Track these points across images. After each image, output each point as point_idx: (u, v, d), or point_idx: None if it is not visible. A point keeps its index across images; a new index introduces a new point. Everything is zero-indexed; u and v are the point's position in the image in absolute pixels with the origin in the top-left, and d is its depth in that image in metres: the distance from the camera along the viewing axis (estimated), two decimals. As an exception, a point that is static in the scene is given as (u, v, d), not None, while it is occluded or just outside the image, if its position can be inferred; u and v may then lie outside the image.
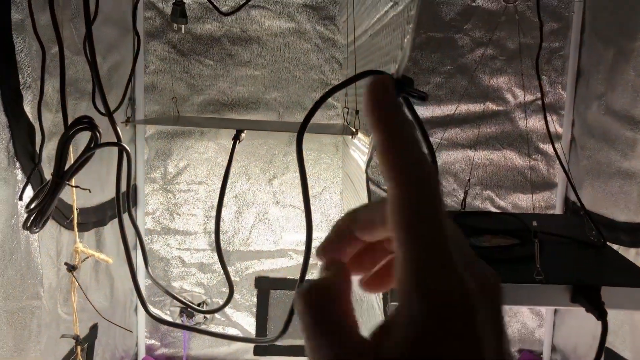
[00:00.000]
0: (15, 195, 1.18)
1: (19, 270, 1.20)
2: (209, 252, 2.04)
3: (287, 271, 2.05)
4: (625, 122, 1.53)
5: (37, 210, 1.04)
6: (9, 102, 1.14)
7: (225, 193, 1.19)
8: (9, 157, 1.16)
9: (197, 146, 1.98)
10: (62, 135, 1.00)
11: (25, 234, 1.23)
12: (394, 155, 0.26)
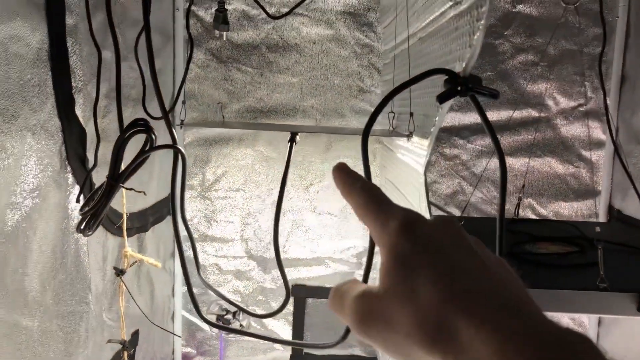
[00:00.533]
0: (67, 199, 1.18)
1: (69, 275, 1.20)
2: (246, 259, 2.03)
3: (324, 279, 2.04)
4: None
5: (91, 213, 1.04)
6: (63, 106, 1.15)
7: (283, 198, 1.17)
8: (61, 161, 1.17)
9: (235, 153, 1.98)
10: (118, 138, 1.00)
11: (75, 238, 1.23)
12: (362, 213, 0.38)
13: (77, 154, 1.21)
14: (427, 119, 1.03)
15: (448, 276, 0.31)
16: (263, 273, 2.04)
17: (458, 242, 0.33)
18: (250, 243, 2.03)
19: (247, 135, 1.97)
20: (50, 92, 1.12)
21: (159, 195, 1.79)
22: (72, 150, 1.19)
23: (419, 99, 1.12)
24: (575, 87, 1.86)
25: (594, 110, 1.87)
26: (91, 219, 1.05)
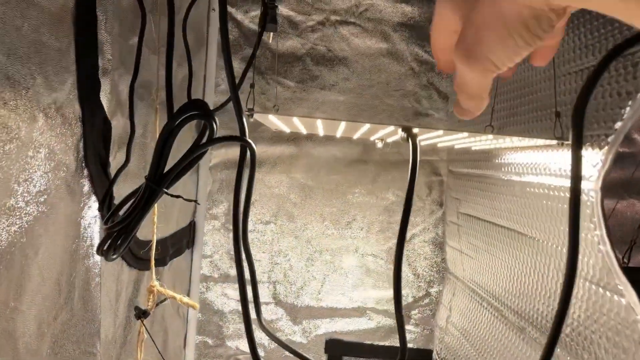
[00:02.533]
0: (80, 213, 0.89)
1: (75, 315, 0.90)
2: (273, 306, 1.72)
3: (364, 334, 1.72)
4: None
5: (121, 227, 0.75)
6: (86, 89, 0.87)
7: (408, 220, 0.89)
8: (78, 161, 0.88)
9: (267, 179, 1.70)
10: (166, 126, 0.72)
11: (86, 265, 0.93)
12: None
13: (97, 154, 0.92)
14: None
15: None
16: (292, 324, 1.72)
17: None
18: (278, 287, 1.72)
19: (283, 159, 1.69)
20: (72, 67, 0.84)
21: (179, 223, 1.49)
22: (92, 148, 0.91)
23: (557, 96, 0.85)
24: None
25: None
26: (119, 236, 0.76)
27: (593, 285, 0.70)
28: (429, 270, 1.73)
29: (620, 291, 0.62)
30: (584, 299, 0.73)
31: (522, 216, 0.95)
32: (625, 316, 0.61)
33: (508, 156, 0.94)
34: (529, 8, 0.34)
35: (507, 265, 1.06)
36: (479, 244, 1.28)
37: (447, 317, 1.55)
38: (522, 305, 1.00)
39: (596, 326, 0.70)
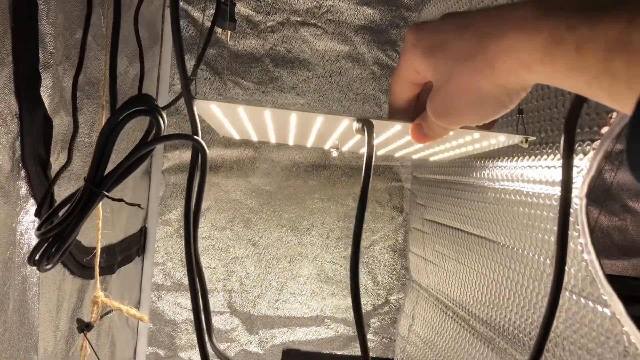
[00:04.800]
0: (16, 218, 0.81)
1: (9, 328, 0.81)
2: (228, 315, 1.65)
3: (323, 343, 1.67)
4: None
5: (55, 234, 0.67)
6: (24, 82, 0.80)
7: (364, 215, 0.83)
8: (14, 161, 0.80)
9: (224, 184, 1.63)
10: (108, 122, 0.65)
11: (23, 275, 0.85)
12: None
13: (36, 154, 0.84)
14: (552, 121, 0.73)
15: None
16: (248, 333, 1.66)
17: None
18: (234, 296, 1.65)
19: (241, 163, 1.63)
20: (8, 58, 0.76)
21: (129, 229, 1.41)
22: (31, 147, 0.83)
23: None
24: (622, 130, 1.63)
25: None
26: (53, 244, 0.69)
27: (574, 296, 0.67)
28: (388, 277, 1.70)
29: (605, 301, 0.59)
30: (564, 309, 0.70)
31: (494, 223, 0.92)
32: (610, 327, 0.58)
33: (480, 162, 0.91)
34: (504, 87, 0.38)
35: (476, 273, 1.03)
36: (446, 252, 1.25)
37: (410, 325, 1.51)
38: (491, 314, 0.97)
39: (576, 337, 0.67)
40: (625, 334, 0.53)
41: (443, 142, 0.80)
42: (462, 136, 0.60)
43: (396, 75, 0.49)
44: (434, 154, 0.88)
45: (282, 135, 0.89)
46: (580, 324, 0.63)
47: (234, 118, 0.68)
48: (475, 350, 1.00)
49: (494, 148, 0.67)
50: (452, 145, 0.74)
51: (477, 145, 0.68)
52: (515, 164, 0.83)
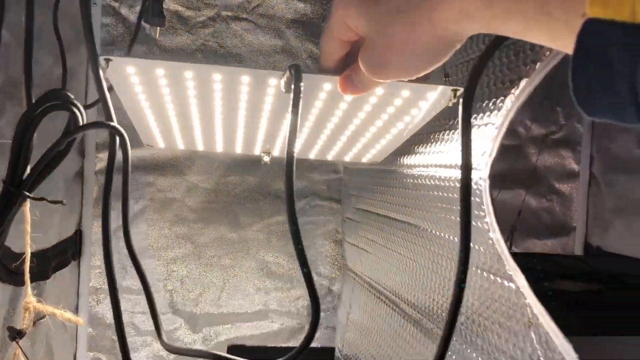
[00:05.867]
0: None
1: None
2: (170, 315, 1.64)
3: (268, 337, 1.68)
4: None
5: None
6: None
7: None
8: None
9: (160, 183, 1.61)
10: (22, 119, 0.64)
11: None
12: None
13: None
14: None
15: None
16: (192, 332, 1.65)
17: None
18: (175, 295, 1.64)
19: (177, 160, 1.62)
20: None
21: (62, 232, 1.38)
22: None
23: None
24: (546, 113, 1.71)
25: (566, 138, 1.73)
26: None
27: (485, 273, 0.71)
28: (330, 268, 1.72)
29: (510, 277, 0.62)
30: (477, 286, 0.74)
31: (414, 208, 0.95)
32: (515, 301, 0.62)
33: (400, 149, 0.94)
34: (440, 39, 0.39)
35: (402, 258, 1.07)
36: (376, 239, 1.28)
37: (348, 313, 1.54)
38: (418, 296, 1.01)
39: (489, 312, 0.70)
40: (529, 306, 0.57)
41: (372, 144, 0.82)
42: (392, 94, 0.61)
43: (327, 33, 0.49)
44: (364, 152, 0.91)
45: (210, 145, 0.90)
46: (491, 300, 0.66)
47: (154, 94, 0.67)
48: (407, 332, 1.03)
49: (423, 117, 0.69)
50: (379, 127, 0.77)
51: (406, 117, 0.70)
52: (429, 149, 0.86)
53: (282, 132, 0.85)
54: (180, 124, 0.84)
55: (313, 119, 0.74)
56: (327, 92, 0.62)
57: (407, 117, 0.72)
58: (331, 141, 0.87)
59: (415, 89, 0.59)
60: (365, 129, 0.77)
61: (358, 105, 0.67)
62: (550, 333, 0.53)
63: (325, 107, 0.67)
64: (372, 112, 0.69)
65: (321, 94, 0.63)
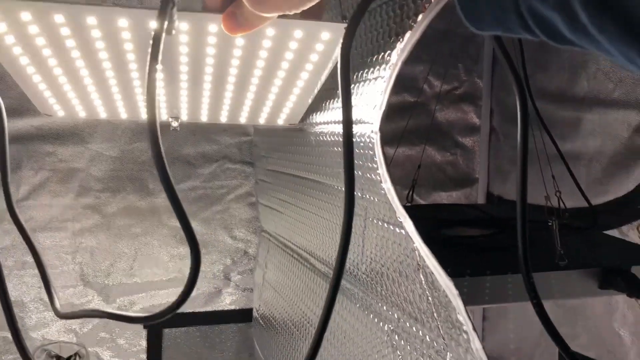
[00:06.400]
0: None
1: None
2: (82, 287, 1.59)
3: (185, 303, 1.67)
4: (565, 102, 1.44)
5: None
6: None
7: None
8: None
9: (61, 153, 1.54)
10: None
11: None
12: None
13: None
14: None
15: None
16: (105, 303, 1.62)
17: None
18: (86, 267, 1.60)
19: (78, 128, 1.55)
20: None
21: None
22: None
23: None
24: (449, 70, 1.76)
25: (467, 94, 1.80)
26: None
27: (380, 222, 0.73)
28: (245, 231, 1.73)
29: (401, 223, 0.65)
30: (374, 236, 0.77)
31: (319, 165, 0.97)
32: (405, 245, 0.65)
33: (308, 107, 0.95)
34: None
35: (311, 215, 1.09)
36: (287, 199, 1.29)
37: (264, 274, 1.56)
38: (329, 253, 1.03)
39: (384, 260, 0.73)
40: (417, 250, 0.60)
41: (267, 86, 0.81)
42: (285, 36, 0.60)
43: None
44: (277, 112, 0.90)
45: (103, 87, 0.85)
46: (386, 247, 0.69)
47: (28, 47, 0.62)
48: (318, 287, 1.06)
49: (324, 64, 0.68)
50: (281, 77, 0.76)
51: (308, 65, 0.69)
52: (330, 105, 0.87)
53: (187, 93, 0.83)
54: (73, 86, 0.79)
55: (211, 72, 0.73)
56: (215, 34, 0.60)
57: (308, 65, 0.71)
58: (238, 101, 0.86)
59: (308, 26, 0.58)
60: (268, 82, 0.76)
61: (253, 52, 0.65)
62: (435, 273, 0.56)
63: (219, 55, 0.66)
64: (270, 59, 0.67)
65: (209, 39, 0.61)
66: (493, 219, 1.20)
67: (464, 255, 0.87)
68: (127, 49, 0.63)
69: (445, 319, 0.57)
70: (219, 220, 1.70)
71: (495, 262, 0.83)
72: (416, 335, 0.66)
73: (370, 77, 0.72)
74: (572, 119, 1.42)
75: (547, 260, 0.91)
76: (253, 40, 0.61)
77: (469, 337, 0.51)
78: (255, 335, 1.69)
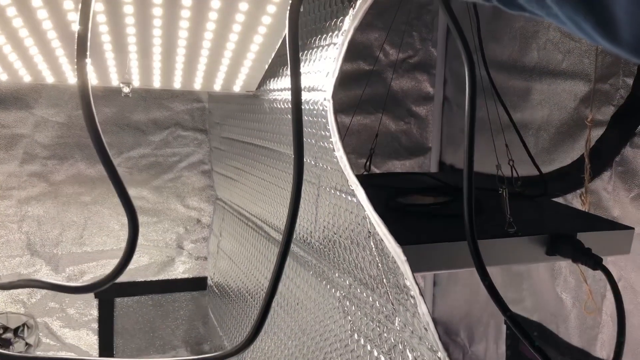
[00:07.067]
0: None
1: None
2: (29, 257, 1.55)
3: (136, 272, 1.66)
4: (515, 72, 1.46)
5: None
6: None
7: None
8: None
9: (3, 118, 1.48)
10: None
11: None
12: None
13: None
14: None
15: None
16: (54, 273, 1.58)
17: None
18: (33, 237, 1.55)
19: (21, 92, 1.49)
20: None
21: None
22: None
23: None
24: (404, 39, 1.76)
25: (422, 62, 1.80)
26: None
27: (332, 190, 0.74)
28: (198, 199, 1.71)
29: (353, 192, 0.65)
30: (327, 204, 0.77)
31: (272, 133, 0.96)
32: (357, 213, 0.65)
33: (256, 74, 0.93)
34: None
35: (265, 183, 1.08)
36: (241, 167, 1.28)
37: (218, 242, 1.56)
38: (280, 219, 1.03)
39: (337, 227, 0.74)
40: (367, 218, 0.60)
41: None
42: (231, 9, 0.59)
43: None
44: (232, 79, 0.88)
45: (45, 48, 0.81)
46: (339, 215, 0.70)
47: None
48: (273, 255, 1.06)
49: (275, 35, 0.67)
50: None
51: (256, 37, 0.68)
52: (283, 72, 0.86)
53: (137, 57, 0.80)
54: (15, 50, 0.76)
55: (159, 35, 0.70)
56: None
57: (261, 28, 0.70)
58: (191, 65, 0.84)
59: (254, 2, 0.58)
60: (221, 46, 0.75)
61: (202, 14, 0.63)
62: (384, 240, 0.57)
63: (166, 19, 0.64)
64: (221, 21, 0.66)
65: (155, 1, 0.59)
66: (447, 187, 1.22)
67: (416, 223, 0.88)
68: (67, 8, 0.60)
69: (394, 284, 0.58)
70: (171, 189, 1.67)
71: (446, 229, 0.84)
72: (366, 301, 0.67)
73: (322, 44, 0.71)
74: (522, 88, 1.45)
75: (497, 227, 0.93)
76: (200, 13, 0.59)
77: (416, 301, 0.52)
78: (210, 304, 1.69)
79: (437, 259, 0.76)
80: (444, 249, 0.77)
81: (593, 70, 1.22)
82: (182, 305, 1.74)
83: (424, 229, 0.85)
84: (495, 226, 0.93)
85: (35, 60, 0.82)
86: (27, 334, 1.55)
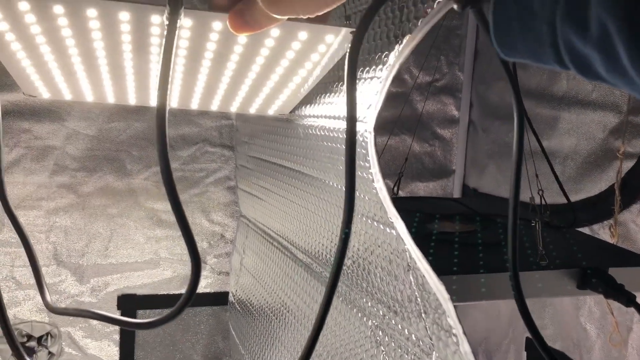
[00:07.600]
0: None
1: None
2: (55, 267, 1.57)
3: (159, 286, 1.67)
4: (544, 100, 1.46)
5: None
6: None
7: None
8: None
9: (37, 130, 1.51)
10: None
11: None
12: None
13: None
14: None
15: None
16: (79, 284, 1.60)
17: None
18: (59, 247, 1.58)
19: (56, 105, 1.52)
20: None
21: None
22: None
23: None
24: (431, 62, 1.77)
25: (448, 86, 1.81)
26: None
27: (369, 220, 0.74)
28: (223, 215, 1.72)
29: (392, 224, 0.66)
30: (362, 233, 0.78)
31: (305, 158, 0.97)
32: (396, 246, 0.66)
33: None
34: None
35: (294, 205, 1.09)
36: (268, 186, 1.30)
37: (241, 259, 1.57)
38: (308, 242, 1.04)
39: (372, 257, 0.74)
40: (407, 251, 0.61)
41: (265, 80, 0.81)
42: (289, 37, 0.60)
43: None
44: (269, 103, 0.89)
45: (93, 72, 0.83)
46: (375, 245, 0.70)
47: (23, 35, 0.61)
48: (297, 275, 1.07)
49: (326, 64, 0.68)
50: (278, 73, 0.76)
51: (307, 64, 0.69)
52: (320, 99, 0.88)
53: (181, 83, 0.82)
54: (62, 70, 0.78)
55: (208, 65, 0.72)
56: (219, 32, 0.59)
57: (308, 64, 0.71)
58: (232, 91, 0.85)
59: (314, 29, 0.58)
60: (265, 77, 0.76)
61: (254, 50, 0.65)
62: (426, 276, 0.57)
63: (219, 51, 0.65)
64: (271, 57, 0.67)
65: (212, 35, 0.60)
66: (475, 214, 1.22)
67: (447, 252, 0.89)
68: (125, 40, 0.62)
69: (433, 320, 0.58)
70: (196, 203, 1.69)
71: (479, 260, 0.85)
72: (401, 333, 0.68)
73: (365, 77, 0.72)
74: (549, 117, 1.45)
75: (528, 258, 0.93)
76: (256, 40, 0.60)
77: (459, 340, 0.53)
78: (231, 320, 1.70)
79: (473, 289, 0.76)
80: (478, 280, 0.77)
81: (625, 102, 1.22)
82: (202, 320, 1.75)
83: (455, 258, 0.86)
84: (526, 257, 0.93)
85: (81, 82, 0.84)
86: (50, 343, 1.57)
